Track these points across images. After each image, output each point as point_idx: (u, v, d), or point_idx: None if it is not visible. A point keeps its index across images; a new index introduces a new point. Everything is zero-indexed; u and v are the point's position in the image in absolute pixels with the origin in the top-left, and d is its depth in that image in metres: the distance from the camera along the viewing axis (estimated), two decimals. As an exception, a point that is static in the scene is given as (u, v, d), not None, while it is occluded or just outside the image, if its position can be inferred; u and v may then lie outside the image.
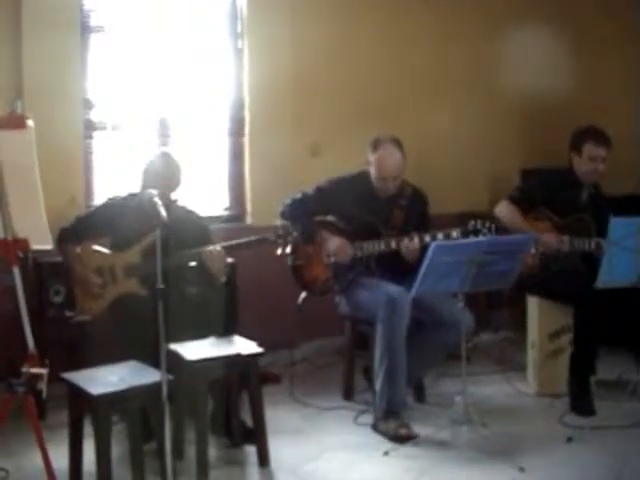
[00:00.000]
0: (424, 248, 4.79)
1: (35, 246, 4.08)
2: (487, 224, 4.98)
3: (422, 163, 6.39)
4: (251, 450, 4.63)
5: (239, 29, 6.43)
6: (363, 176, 5.40)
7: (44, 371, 3.98)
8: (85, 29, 5.90)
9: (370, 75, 6.79)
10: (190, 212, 5.26)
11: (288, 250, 5.08)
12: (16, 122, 3.92)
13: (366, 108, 6.68)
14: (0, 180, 3.93)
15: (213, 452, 4.62)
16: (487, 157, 7.30)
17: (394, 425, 4.89)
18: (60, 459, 4.22)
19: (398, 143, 5.32)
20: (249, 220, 6.48)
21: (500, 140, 7.38)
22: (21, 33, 5.59)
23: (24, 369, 3.99)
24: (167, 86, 6.25)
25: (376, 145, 5.32)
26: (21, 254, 4.04)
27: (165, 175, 5.04)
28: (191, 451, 4.44)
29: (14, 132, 3.89)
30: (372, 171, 5.33)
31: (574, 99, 7.34)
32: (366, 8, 6.73)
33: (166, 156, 5.19)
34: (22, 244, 4.02)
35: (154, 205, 4.00)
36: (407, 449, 4.72)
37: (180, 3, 6.25)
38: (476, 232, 4.96)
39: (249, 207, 6.50)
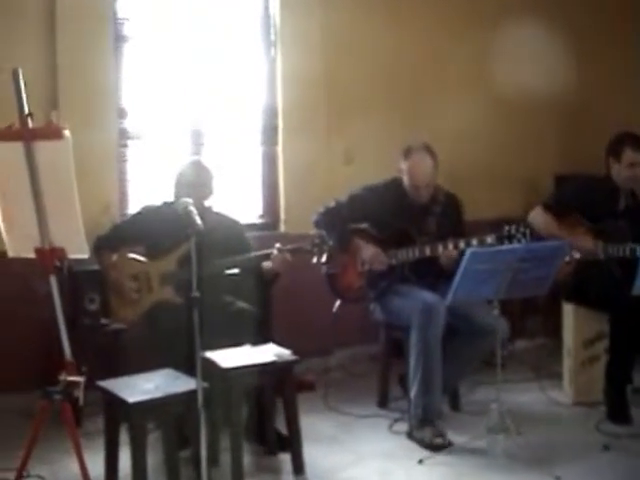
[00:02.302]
0: (460, 255, 4.79)
1: (72, 255, 4.11)
2: (522, 229, 4.94)
3: (456, 168, 6.37)
4: (286, 458, 4.63)
5: (272, 38, 6.45)
6: (396, 183, 5.40)
7: (81, 379, 4.01)
8: (118, 38, 5.93)
9: (403, 80, 6.77)
10: (225, 217, 5.30)
11: (324, 259, 5.11)
12: (54, 132, 3.94)
13: (400, 114, 6.67)
14: (38, 190, 3.97)
15: (248, 460, 4.62)
16: (521, 162, 7.27)
17: (429, 433, 4.87)
18: (96, 466, 4.24)
19: (430, 150, 5.32)
20: (283, 228, 6.50)
21: (534, 145, 7.34)
22: (55, 43, 5.64)
23: (61, 377, 4.02)
24: (200, 95, 6.27)
25: (408, 153, 5.33)
26: (58, 263, 4.07)
27: (197, 184, 5.07)
28: (226, 458, 4.44)
29: (52, 142, 3.92)
30: (405, 179, 5.33)
31: (609, 104, 7.30)
32: (401, 14, 6.72)
33: (197, 164, 5.23)
34: (59, 253, 4.05)
35: (189, 214, 4.02)
36: (442, 457, 4.70)
37: (213, 12, 6.27)
38: (511, 237, 4.91)
39: (283, 215, 6.51)
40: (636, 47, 7.56)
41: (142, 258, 5.00)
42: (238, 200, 6.36)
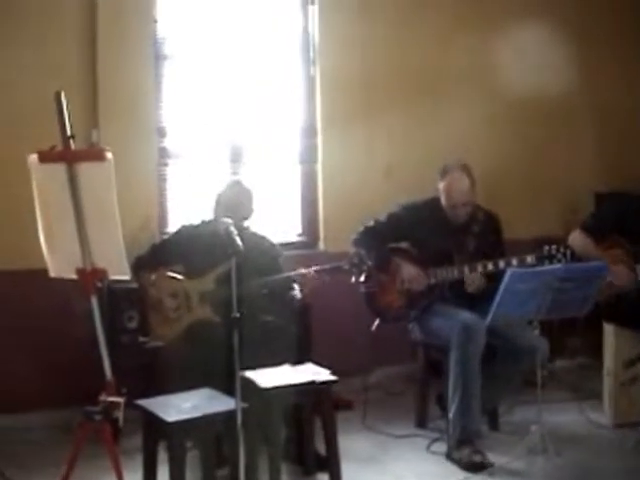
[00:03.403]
0: (499, 274, 4.77)
1: (113, 276, 4.13)
2: (562, 249, 4.92)
3: (494, 187, 6.35)
4: (324, 478, 4.61)
5: (311, 56, 6.47)
6: (435, 202, 5.39)
7: (121, 400, 4.02)
8: (158, 57, 5.99)
9: (444, 97, 6.74)
10: (262, 239, 5.30)
11: (362, 278, 5.11)
12: (96, 154, 3.97)
13: (440, 131, 6.65)
14: (80, 211, 3.99)
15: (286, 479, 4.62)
16: (560, 180, 7.22)
17: (468, 454, 4.84)
18: (134, 484, 4.27)
19: (467, 170, 5.31)
20: (322, 246, 6.50)
21: (573, 163, 7.29)
22: (96, 62, 5.71)
23: (101, 397, 4.03)
24: (240, 113, 6.31)
25: (445, 173, 5.33)
26: (99, 284, 4.10)
27: (237, 204, 5.08)
28: (264, 478, 4.42)
29: (94, 164, 3.95)
30: (442, 198, 5.32)
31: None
32: (441, 37, 6.71)
33: (238, 185, 5.25)
34: (100, 274, 4.08)
35: (230, 234, 4.04)
36: (481, 478, 4.68)
37: (252, 31, 6.30)
38: (551, 257, 4.90)
39: (322, 233, 6.52)
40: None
41: (181, 277, 5.02)
42: (277, 218, 6.39)
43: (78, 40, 5.71)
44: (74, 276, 4.12)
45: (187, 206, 6.07)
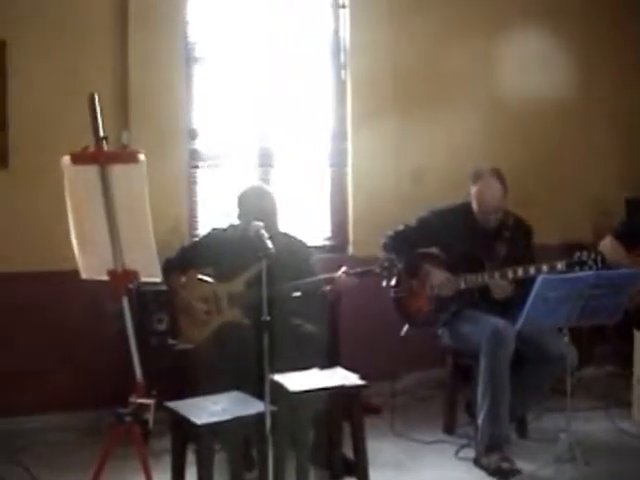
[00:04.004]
0: (528, 280, 4.74)
1: (145, 279, 4.14)
2: (593, 255, 4.88)
3: (523, 192, 6.31)
4: (352, 483, 4.61)
5: (342, 60, 6.47)
6: (465, 207, 5.36)
7: (151, 402, 4.03)
8: (189, 60, 6.01)
9: (474, 101, 6.73)
10: (293, 240, 5.29)
11: (393, 282, 5.09)
12: (129, 156, 3.98)
13: (469, 137, 6.64)
14: (112, 212, 4.00)
15: (314, 484, 4.62)
16: (590, 186, 7.18)
17: (496, 459, 4.80)
18: (162, 485, 4.27)
19: (499, 175, 5.27)
20: (351, 250, 6.48)
21: (604, 168, 7.25)
22: (128, 65, 5.74)
23: (131, 399, 4.04)
24: (270, 116, 6.32)
25: (476, 177, 5.29)
26: (131, 285, 4.11)
27: (263, 211, 5.00)
28: (292, 482, 4.44)
29: (127, 166, 3.96)
30: (473, 204, 5.30)
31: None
32: (471, 37, 6.68)
33: (260, 190, 5.23)
34: (132, 276, 4.08)
35: (261, 237, 4.04)
36: (509, 485, 4.66)
37: (283, 34, 6.32)
38: (582, 264, 4.86)
39: (351, 237, 6.50)
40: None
41: (210, 279, 5.03)
42: (306, 222, 6.38)
43: (110, 42, 5.74)
44: (105, 277, 4.14)
45: (217, 209, 6.07)
